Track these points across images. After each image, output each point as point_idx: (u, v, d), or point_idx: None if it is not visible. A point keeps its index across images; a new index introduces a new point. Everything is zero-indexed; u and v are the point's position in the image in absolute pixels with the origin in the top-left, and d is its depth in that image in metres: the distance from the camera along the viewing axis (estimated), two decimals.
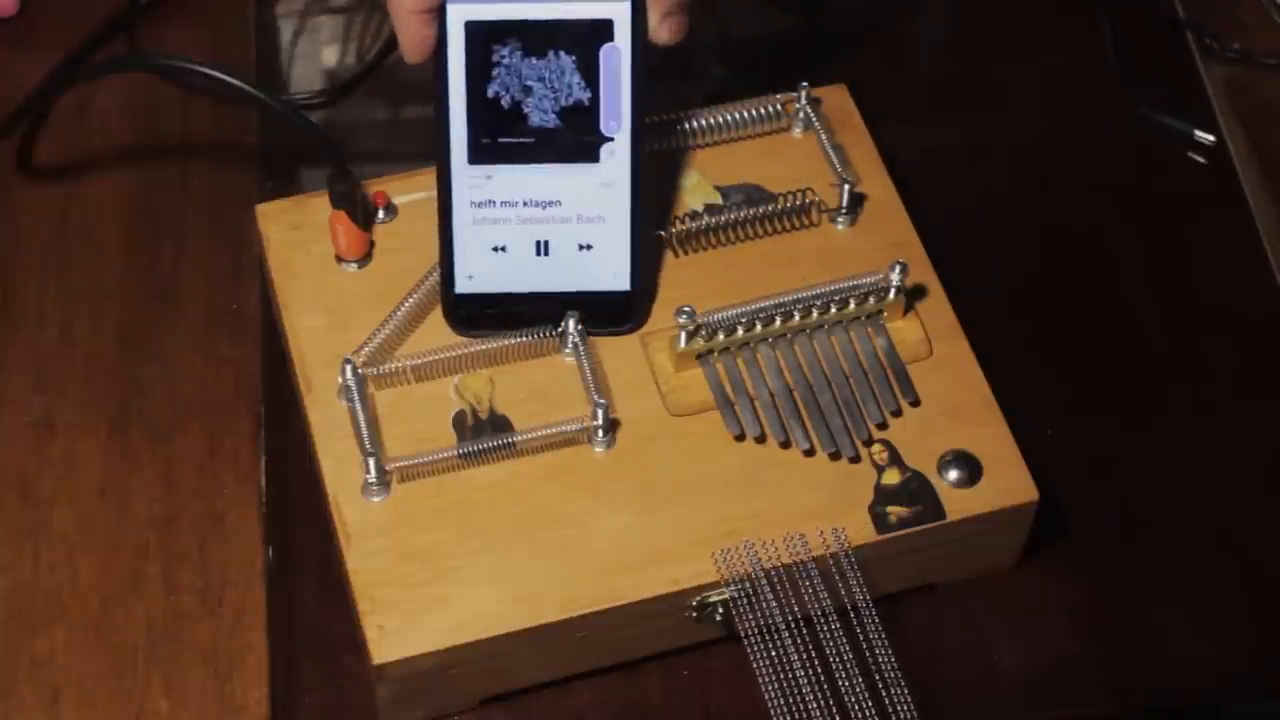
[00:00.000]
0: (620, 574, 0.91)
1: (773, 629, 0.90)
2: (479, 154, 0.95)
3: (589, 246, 0.97)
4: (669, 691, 0.95)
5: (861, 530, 0.93)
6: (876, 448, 0.96)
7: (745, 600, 0.91)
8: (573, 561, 0.91)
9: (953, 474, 0.95)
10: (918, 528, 0.93)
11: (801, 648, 0.89)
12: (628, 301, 0.98)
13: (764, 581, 0.91)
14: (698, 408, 0.96)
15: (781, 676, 0.89)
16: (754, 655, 0.89)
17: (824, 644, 0.90)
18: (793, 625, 0.90)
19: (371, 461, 0.92)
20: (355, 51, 1.19)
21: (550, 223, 0.96)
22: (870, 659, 0.90)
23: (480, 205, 0.96)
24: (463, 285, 0.97)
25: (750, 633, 0.90)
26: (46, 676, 0.94)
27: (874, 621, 0.90)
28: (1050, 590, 1.00)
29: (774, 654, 0.90)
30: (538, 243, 0.96)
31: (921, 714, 0.88)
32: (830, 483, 0.94)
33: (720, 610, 0.92)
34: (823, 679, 0.89)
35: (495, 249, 0.96)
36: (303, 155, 1.13)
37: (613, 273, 0.97)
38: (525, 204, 0.96)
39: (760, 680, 0.89)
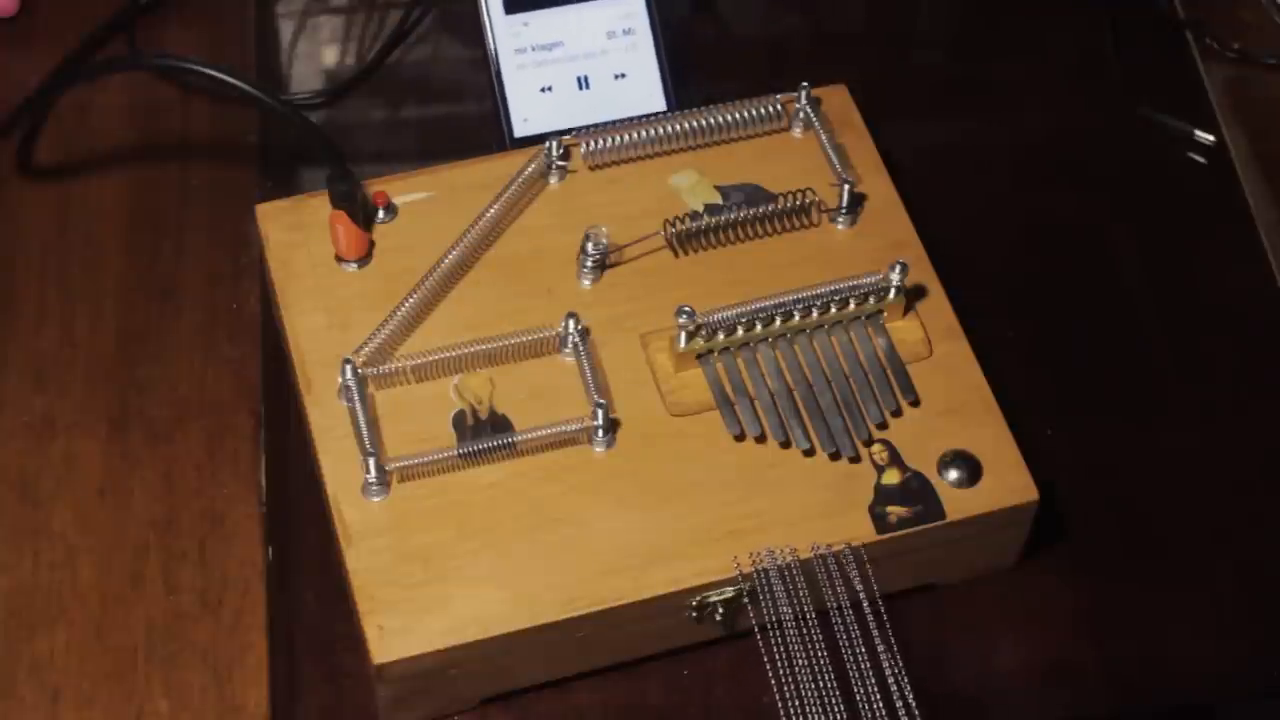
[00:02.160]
0: (620, 574, 0.91)
1: (774, 628, 0.90)
2: (513, 4, 1.09)
3: (624, 75, 1.09)
4: (669, 691, 0.95)
5: (861, 530, 0.93)
6: (876, 448, 0.96)
7: (745, 600, 0.91)
8: (573, 561, 0.91)
9: (953, 474, 0.95)
10: (918, 528, 0.93)
11: (810, 645, 0.89)
12: None
13: (765, 581, 0.91)
14: (698, 408, 0.96)
15: (787, 674, 0.89)
16: (764, 652, 0.90)
17: (838, 641, 0.90)
18: (801, 622, 0.90)
19: (371, 461, 0.92)
20: (355, 51, 1.19)
21: (586, 58, 1.09)
22: (889, 656, 0.90)
23: (523, 51, 1.09)
24: (520, 129, 1.09)
25: (760, 628, 0.90)
26: (46, 676, 0.94)
27: (881, 619, 0.90)
28: (1050, 590, 1.00)
29: (778, 652, 0.90)
30: (578, 78, 1.09)
31: (922, 714, 0.88)
32: (830, 483, 0.94)
33: (720, 610, 0.92)
34: (830, 676, 0.89)
35: (542, 89, 1.09)
36: (303, 155, 1.13)
37: (647, 95, 1.09)
38: (561, 44, 1.09)
39: (772, 677, 0.89)
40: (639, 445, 0.95)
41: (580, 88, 1.09)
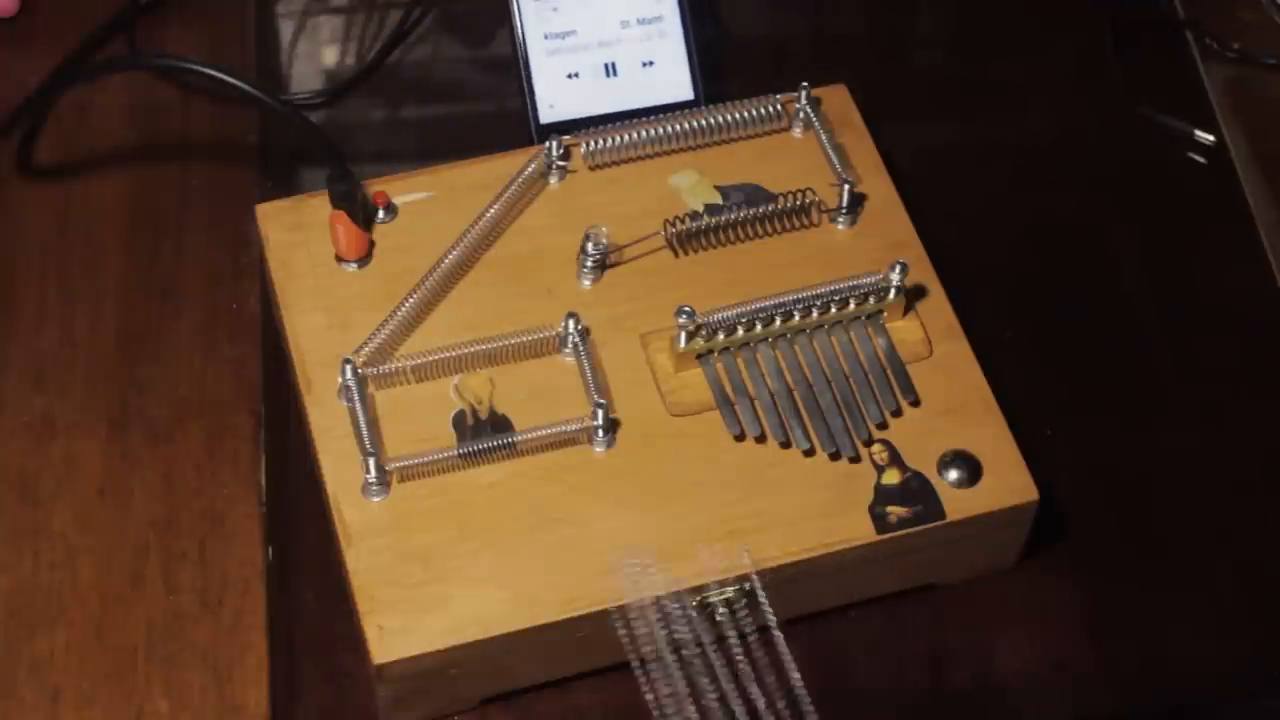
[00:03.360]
0: (620, 574, 0.91)
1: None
2: None
3: (651, 63, 1.08)
4: None
5: (861, 530, 0.93)
6: (876, 448, 0.96)
7: (745, 601, 0.91)
8: (573, 561, 0.91)
9: (953, 474, 0.95)
10: (918, 528, 0.93)
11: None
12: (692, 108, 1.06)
13: (764, 583, 0.91)
14: (698, 408, 0.96)
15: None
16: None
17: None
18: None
19: (371, 461, 0.92)
20: (355, 51, 1.19)
21: (614, 45, 1.08)
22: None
23: (551, 37, 1.08)
24: (546, 115, 1.08)
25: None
26: (46, 676, 0.94)
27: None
28: (1050, 590, 1.00)
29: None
30: (605, 65, 1.08)
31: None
32: (830, 483, 0.94)
33: (720, 610, 0.92)
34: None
35: (569, 76, 1.08)
36: (303, 155, 1.13)
37: (675, 84, 1.08)
38: (590, 30, 1.08)
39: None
40: (639, 445, 0.95)
41: (607, 75, 1.09)
